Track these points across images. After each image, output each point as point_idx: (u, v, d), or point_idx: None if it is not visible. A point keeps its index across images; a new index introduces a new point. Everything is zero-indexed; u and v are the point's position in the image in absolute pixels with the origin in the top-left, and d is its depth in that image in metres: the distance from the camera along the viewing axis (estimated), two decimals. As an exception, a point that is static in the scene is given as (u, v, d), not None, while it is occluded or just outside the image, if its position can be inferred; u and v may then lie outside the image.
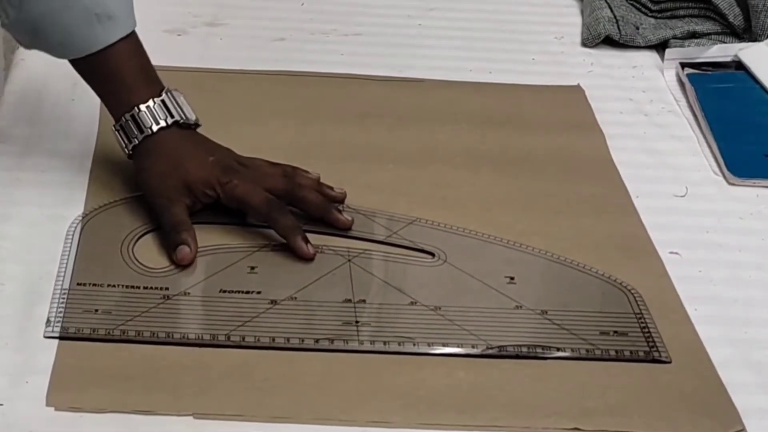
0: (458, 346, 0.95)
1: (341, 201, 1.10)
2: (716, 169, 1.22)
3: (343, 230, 1.07)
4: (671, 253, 1.09)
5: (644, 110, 1.32)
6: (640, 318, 1.00)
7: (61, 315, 0.95)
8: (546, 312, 1.00)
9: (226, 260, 1.03)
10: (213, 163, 1.07)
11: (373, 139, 1.21)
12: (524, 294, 1.02)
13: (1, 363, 0.90)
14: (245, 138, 1.18)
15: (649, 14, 1.46)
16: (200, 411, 0.87)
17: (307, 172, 1.10)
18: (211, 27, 1.39)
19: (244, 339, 0.94)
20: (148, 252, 1.03)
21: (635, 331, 0.99)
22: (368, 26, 1.44)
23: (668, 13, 1.46)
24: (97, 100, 1.10)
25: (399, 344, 0.95)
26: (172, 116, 1.07)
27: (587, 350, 0.96)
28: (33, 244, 1.02)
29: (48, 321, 0.94)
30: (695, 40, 1.43)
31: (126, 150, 1.08)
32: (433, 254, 1.06)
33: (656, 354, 0.96)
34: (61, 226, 1.05)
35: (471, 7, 1.50)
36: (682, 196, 1.18)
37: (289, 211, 1.06)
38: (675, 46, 1.41)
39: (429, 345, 0.95)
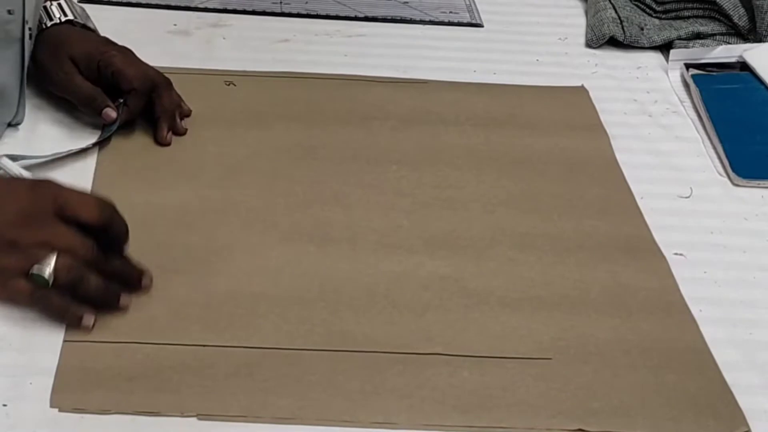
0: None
1: (187, 114, 1.19)
2: (721, 170, 1.22)
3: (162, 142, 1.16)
4: (676, 254, 1.09)
5: (648, 111, 1.32)
6: None
7: None
8: None
9: None
10: (95, 38, 1.19)
11: (377, 140, 1.21)
12: None
13: (5, 364, 0.90)
14: (249, 139, 1.18)
15: (654, 15, 1.46)
16: (204, 412, 0.87)
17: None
18: (215, 28, 1.39)
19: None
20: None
21: None
22: (372, 27, 1.44)
23: (673, 14, 1.46)
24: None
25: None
26: (65, 15, 1.18)
27: None
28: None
29: None
30: (700, 41, 1.42)
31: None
32: None
33: None
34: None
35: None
36: (686, 197, 1.18)
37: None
38: (679, 47, 1.41)
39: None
